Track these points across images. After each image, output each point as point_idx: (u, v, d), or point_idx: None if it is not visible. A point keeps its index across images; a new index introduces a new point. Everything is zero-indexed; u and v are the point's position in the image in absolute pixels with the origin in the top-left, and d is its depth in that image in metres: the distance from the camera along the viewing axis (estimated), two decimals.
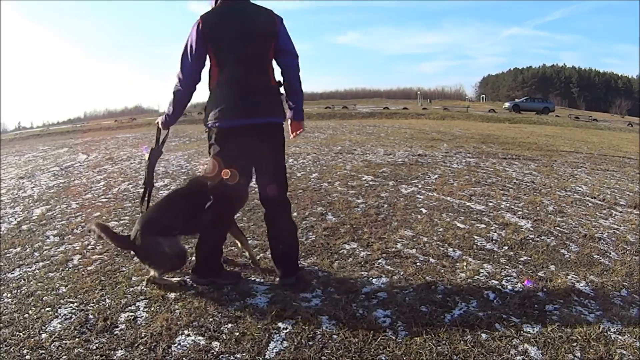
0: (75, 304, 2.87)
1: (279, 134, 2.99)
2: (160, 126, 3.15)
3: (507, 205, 5.04)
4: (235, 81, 2.84)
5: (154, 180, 3.54)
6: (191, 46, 2.81)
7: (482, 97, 77.83)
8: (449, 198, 5.26)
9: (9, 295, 3.05)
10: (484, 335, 2.46)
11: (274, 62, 2.96)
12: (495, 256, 3.56)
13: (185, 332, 2.50)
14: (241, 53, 2.82)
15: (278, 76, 3.00)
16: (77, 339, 2.47)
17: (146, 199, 3.24)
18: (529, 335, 2.48)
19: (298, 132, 3.14)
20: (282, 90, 3.00)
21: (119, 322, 2.63)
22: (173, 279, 3.14)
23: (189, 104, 3.14)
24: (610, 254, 3.69)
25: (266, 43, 2.88)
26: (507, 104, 40.28)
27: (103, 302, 2.87)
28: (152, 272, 3.05)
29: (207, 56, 2.86)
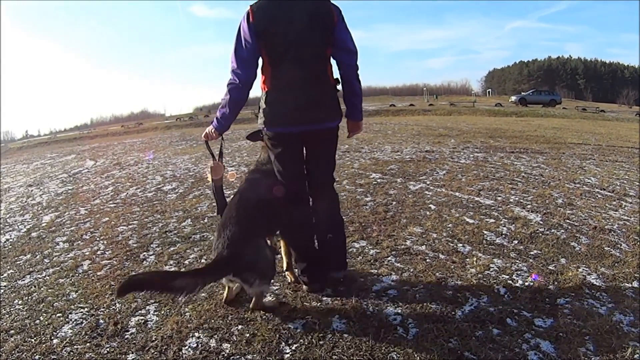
0: (86, 309, 2.88)
1: (335, 136, 2.87)
2: (212, 134, 2.85)
3: (516, 199, 5.01)
4: (292, 84, 2.62)
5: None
6: (245, 38, 2.56)
7: (489, 92, 77.61)
8: (457, 193, 5.23)
9: (20, 302, 3.07)
10: (495, 331, 2.44)
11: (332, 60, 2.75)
12: (505, 251, 3.53)
13: (196, 334, 2.50)
14: (298, 52, 2.57)
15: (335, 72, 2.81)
16: (88, 344, 2.48)
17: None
18: (541, 329, 2.46)
19: (356, 132, 3.03)
20: (339, 87, 2.80)
21: (129, 326, 2.64)
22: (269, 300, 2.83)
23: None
24: (621, 245, 3.66)
25: (325, 39, 2.62)
26: (513, 98, 40.19)
27: (113, 307, 2.89)
28: (251, 289, 2.62)
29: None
